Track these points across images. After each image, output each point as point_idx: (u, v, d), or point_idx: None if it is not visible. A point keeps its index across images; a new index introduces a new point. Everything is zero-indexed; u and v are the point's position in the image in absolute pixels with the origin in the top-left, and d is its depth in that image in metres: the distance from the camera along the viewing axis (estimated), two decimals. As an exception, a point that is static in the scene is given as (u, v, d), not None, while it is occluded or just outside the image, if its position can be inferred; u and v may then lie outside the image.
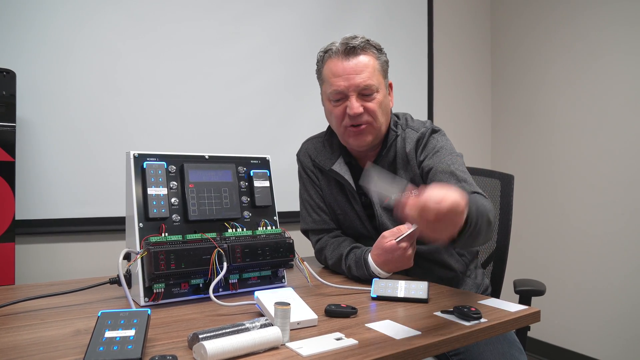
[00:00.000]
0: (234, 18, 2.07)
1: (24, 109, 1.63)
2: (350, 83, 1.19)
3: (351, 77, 1.19)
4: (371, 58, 1.22)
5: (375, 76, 1.21)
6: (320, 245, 1.36)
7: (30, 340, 0.76)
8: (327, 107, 1.29)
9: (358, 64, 1.20)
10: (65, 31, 1.71)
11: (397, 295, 1.00)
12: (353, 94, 1.20)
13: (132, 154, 1.02)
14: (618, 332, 2.35)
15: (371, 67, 1.21)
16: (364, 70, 1.19)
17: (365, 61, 1.21)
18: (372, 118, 1.22)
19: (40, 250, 1.68)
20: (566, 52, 2.62)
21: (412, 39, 2.67)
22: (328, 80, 1.24)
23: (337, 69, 1.21)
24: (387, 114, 1.28)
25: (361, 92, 1.20)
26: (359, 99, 1.20)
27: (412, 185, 1.25)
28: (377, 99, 1.22)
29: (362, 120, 1.21)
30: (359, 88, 1.19)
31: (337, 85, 1.21)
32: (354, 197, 1.31)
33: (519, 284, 1.41)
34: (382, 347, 0.73)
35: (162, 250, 0.92)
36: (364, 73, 1.19)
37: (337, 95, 1.22)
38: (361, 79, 1.19)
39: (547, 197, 2.71)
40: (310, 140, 1.45)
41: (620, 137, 2.37)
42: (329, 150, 1.36)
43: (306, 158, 1.42)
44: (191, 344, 0.70)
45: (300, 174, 1.44)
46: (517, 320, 0.91)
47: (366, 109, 1.21)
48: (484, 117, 3.06)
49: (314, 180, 1.40)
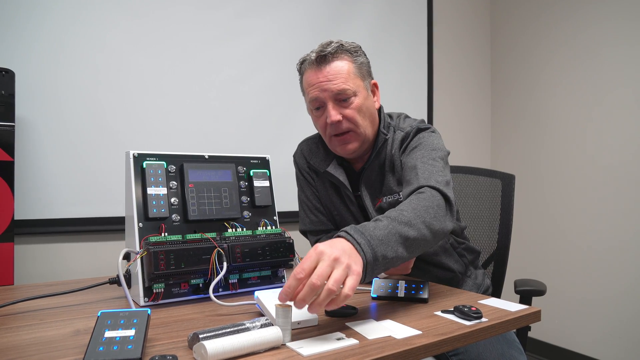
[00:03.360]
0: (233, 18, 2.07)
1: (23, 109, 1.62)
2: (324, 90, 1.18)
3: (324, 84, 1.18)
4: (345, 62, 1.20)
5: (350, 80, 1.19)
6: None
7: (29, 341, 0.75)
8: (311, 116, 1.29)
9: (330, 71, 1.18)
10: (65, 31, 1.71)
11: (398, 295, 1.00)
12: (330, 102, 1.18)
13: (132, 154, 1.01)
14: (618, 332, 2.35)
15: (345, 71, 1.19)
16: (337, 76, 1.18)
17: (338, 67, 1.19)
18: (352, 124, 1.20)
19: (40, 250, 1.68)
20: (566, 51, 2.62)
21: (413, 39, 2.66)
22: (305, 91, 1.24)
23: (311, 79, 1.21)
24: (371, 116, 1.25)
25: (337, 98, 1.18)
26: (336, 105, 1.19)
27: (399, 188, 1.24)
28: (355, 104, 1.19)
29: (343, 128, 1.20)
30: (333, 94, 1.18)
31: (313, 95, 1.20)
32: (350, 199, 1.30)
33: (519, 284, 1.41)
34: (383, 347, 0.72)
35: (161, 250, 0.92)
36: (338, 79, 1.17)
37: (315, 104, 1.21)
38: (334, 85, 1.17)
39: (548, 197, 2.71)
40: (306, 142, 1.44)
41: (621, 136, 2.37)
42: (323, 152, 1.35)
43: (301, 159, 1.42)
44: (191, 344, 0.70)
45: (297, 175, 1.45)
46: (517, 319, 0.90)
47: (344, 116, 1.19)
48: (484, 116, 3.06)
49: (310, 182, 1.40)
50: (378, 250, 0.84)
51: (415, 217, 0.94)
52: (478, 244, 1.62)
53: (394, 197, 1.24)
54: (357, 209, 1.31)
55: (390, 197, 1.25)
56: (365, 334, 0.78)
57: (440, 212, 1.00)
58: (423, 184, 1.05)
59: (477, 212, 1.64)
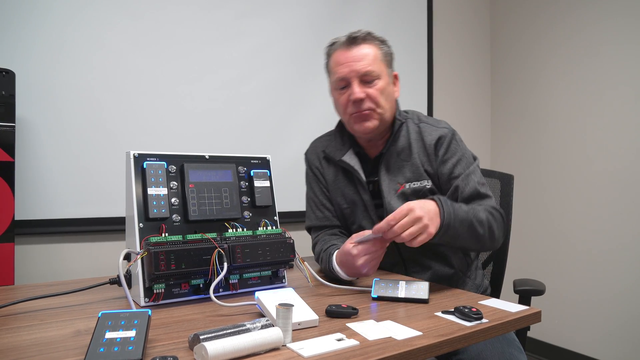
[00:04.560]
0: (233, 18, 2.06)
1: (23, 109, 1.62)
2: (352, 69, 1.26)
3: (352, 64, 1.26)
4: (373, 47, 1.29)
5: (376, 64, 1.27)
6: (316, 240, 1.38)
7: (30, 341, 0.75)
8: (333, 96, 1.35)
9: (359, 53, 1.27)
10: (65, 31, 1.71)
11: (398, 296, 1.00)
12: (355, 80, 1.26)
13: (132, 154, 1.01)
14: (618, 331, 2.36)
15: (372, 55, 1.27)
16: (364, 57, 1.26)
17: (366, 50, 1.27)
18: (374, 104, 1.27)
19: (40, 250, 1.68)
20: (566, 51, 2.62)
21: (412, 39, 2.67)
22: (332, 70, 1.32)
23: (340, 58, 1.29)
24: (391, 102, 1.33)
25: (362, 79, 1.26)
26: (361, 85, 1.26)
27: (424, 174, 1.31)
28: (379, 86, 1.27)
29: (365, 106, 1.27)
30: (359, 74, 1.25)
31: (340, 73, 1.27)
32: (363, 187, 1.33)
33: (518, 283, 1.41)
34: (383, 347, 0.72)
35: (162, 251, 0.92)
36: (365, 60, 1.26)
37: (341, 83, 1.29)
38: (361, 66, 1.25)
39: (547, 197, 2.71)
40: (319, 139, 1.49)
41: (620, 136, 2.37)
42: (340, 142, 1.40)
43: (313, 156, 1.45)
44: (192, 345, 0.70)
45: (307, 173, 1.48)
46: (518, 320, 0.91)
47: (368, 95, 1.26)
48: (483, 116, 3.06)
49: (320, 179, 1.43)
50: (453, 224, 1.09)
51: (486, 222, 1.18)
52: (478, 244, 1.62)
53: (422, 184, 1.29)
54: (369, 198, 1.34)
55: (416, 184, 1.29)
56: (366, 335, 0.78)
57: (501, 231, 1.25)
58: (492, 206, 1.24)
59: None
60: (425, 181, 1.29)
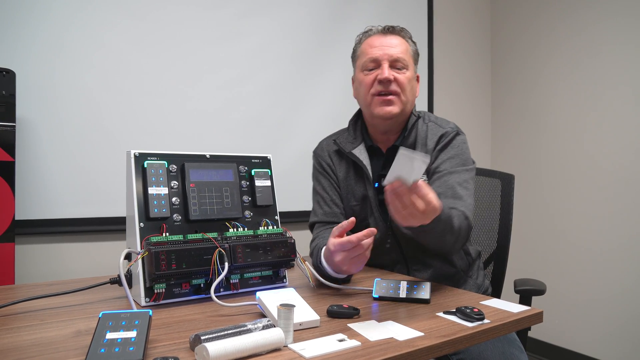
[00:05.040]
0: (234, 18, 2.06)
1: (23, 109, 1.62)
2: (385, 52, 1.30)
3: (386, 47, 1.30)
4: (405, 41, 1.35)
5: (407, 55, 1.32)
6: (315, 235, 1.35)
7: (30, 341, 0.75)
8: (358, 79, 1.36)
9: (394, 40, 1.32)
10: (65, 31, 1.70)
11: (399, 296, 1.00)
12: (386, 63, 1.29)
13: (133, 153, 1.01)
14: (618, 331, 2.35)
15: (405, 46, 1.33)
16: (399, 45, 1.32)
17: (400, 40, 1.33)
18: (399, 90, 1.29)
19: (40, 250, 1.68)
20: (566, 51, 2.62)
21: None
22: (364, 52, 1.34)
23: (374, 42, 1.33)
24: (413, 95, 1.36)
25: (393, 64, 1.30)
26: (390, 69, 1.29)
27: None
28: (407, 75, 1.31)
29: (391, 89, 1.29)
30: (392, 58, 1.29)
31: (373, 54, 1.31)
32: (370, 182, 1.33)
33: (519, 283, 1.41)
34: (385, 348, 0.72)
35: (163, 250, 0.92)
36: (399, 48, 1.31)
37: (371, 64, 1.31)
38: (395, 52, 1.30)
39: (548, 197, 2.71)
40: (329, 135, 1.49)
41: (620, 136, 2.37)
42: (352, 135, 1.41)
43: (323, 152, 1.45)
44: (193, 346, 0.70)
45: (315, 168, 1.46)
46: (519, 321, 0.90)
47: (396, 79, 1.29)
48: (484, 116, 3.06)
49: (329, 174, 1.42)
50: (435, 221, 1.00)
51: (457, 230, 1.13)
52: (478, 244, 1.62)
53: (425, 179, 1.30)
54: (375, 194, 1.33)
55: None
56: (368, 335, 0.77)
57: (463, 244, 1.25)
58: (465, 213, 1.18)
59: (476, 212, 1.64)
60: (425, 176, 1.30)
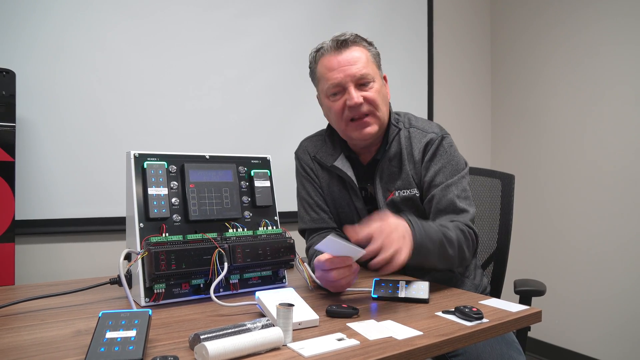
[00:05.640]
0: (234, 18, 2.06)
1: (23, 109, 1.62)
2: (347, 74, 1.20)
3: (346, 68, 1.20)
4: (363, 50, 1.24)
5: (369, 66, 1.23)
6: (310, 242, 1.34)
7: (31, 341, 0.75)
8: (325, 104, 1.29)
9: (351, 56, 1.21)
10: (65, 31, 1.71)
11: (398, 296, 1.00)
12: (351, 85, 1.20)
13: (133, 154, 1.01)
14: (618, 332, 2.35)
15: (364, 57, 1.23)
16: (357, 61, 1.21)
17: (357, 53, 1.22)
18: (373, 107, 1.22)
19: (40, 250, 1.68)
20: (566, 51, 2.62)
21: (412, 38, 2.67)
22: (324, 76, 1.24)
23: (331, 64, 1.22)
24: (387, 104, 1.29)
25: (358, 83, 1.21)
26: (357, 89, 1.21)
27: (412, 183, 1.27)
28: (375, 88, 1.22)
29: (364, 110, 1.21)
30: (355, 78, 1.20)
31: (334, 79, 1.21)
32: (355, 193, 1.31)
33: (519, 284, 1.41)
34: (384, 347, 0.72)
35: (162, 251, 0.92)
36: (359, 63, 1.21)
37: (335, 89, 1.23)
38: (357, 69, 1.20)
39: (548, 197, 2.71)
40: (310, 139, 1.44)
41: (620, 136, 2.37)
42: (330, 147, 1.35)
43: (305, 155, 1.41)
44: (192, 345, 0.70)
45: (299, 171, 1.43)
46: (518, 320, 0.91)
47: (366, 98, 1.21)
48: (484, 116, 3.06)
49: (313, 178, 1.38)
50: (425, 244, 1.02)
51: (456, 242, 1.12)
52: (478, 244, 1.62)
53: (411, 192, 1.26)
54: (363, 205, 1.31)
55: (405, 192, 1.26)
56: (366, 335, 0.78)
57: (471, 252, 1.20)
58: (465, 222, 1.18)
59: (476, 212, 1.63)
60: (414, 189, 1.26)
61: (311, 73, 1.31)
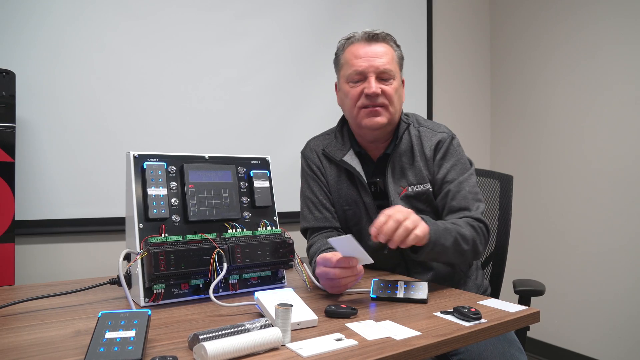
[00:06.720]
0: (233, 18, 2.07)
1: (23, 110, 1.63)
2: (371, 64, 1.25)
3: (372, 59, 1.26)
4: (391, 48, 1.30)
5: (393, 64, 1.29)
6: (312, 242, 1.34)
7: (30, 341, 0.76)
8: (343, 89, 1.33)
9: (379, 49, 1.27)
10: (65, 31, 1.71)
11: (397, 296, 1.00)
12: (372, 76, 1.25)
13: (132, 155, 1.02)
14: (618, 332, 2.36)
15: (390, 55, 1.29)
16: (384, 55, 1.27)
17: (385, 49, 1.29)
18: (387, 101, 1.27)
19: (40, 250, 1.68)
20: (565, 51, 2.62)
21: (412, 39, 2.67)
22: (348, 62, 1.30)
23: (358, 52, 1.28)
24: (401, 104, 1.34)
25: (379, 76, 1.26)
26: (377, 81, 1.26)
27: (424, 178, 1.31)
28: (394, 86, 1.28)
29: (378, 101, 1.26)
30: (378, 70, 1.25)
31: (358, 66, 1.26)
32: (364, 188, 1.32)
33: (518, 284, 1.41)
34: (382, 347, 0.73)
35: (162, 251, 0.92)
36: (384, 58, 1.27)
37: (357, 76, 1.27)
38: (381, 63, 1.26)
39: (547, 197, 2.71)
40: (317, 137, 1.46)
41: (620, 136, 2.38)
42: (340, 142, 1.38)
43: (312, 153, 1.42)
44: (191, 345, 0.71)
45: (304, 170, 1.43)
46: (516, 320, 0.91)
47: (383, 91, 1.26)
48: (483, 116, 3.06)
49: (319, 177, 1.39)
50: (440, 240, 1.09)
51: (470, 237, 1.17)
52: (477, 244, 1.62)
53: (424, 187, 1.30)
54: (371, 200, 1.32)
55: (419, 187, 1.29)
56: (365, 335, 0.78)
57: (484, 245, 1.24)
58: (477, 217, 1.23)
59: (476, 212, 1.65)
60: (427, 184, 1.30)
61: (335, 59, 1.36)
